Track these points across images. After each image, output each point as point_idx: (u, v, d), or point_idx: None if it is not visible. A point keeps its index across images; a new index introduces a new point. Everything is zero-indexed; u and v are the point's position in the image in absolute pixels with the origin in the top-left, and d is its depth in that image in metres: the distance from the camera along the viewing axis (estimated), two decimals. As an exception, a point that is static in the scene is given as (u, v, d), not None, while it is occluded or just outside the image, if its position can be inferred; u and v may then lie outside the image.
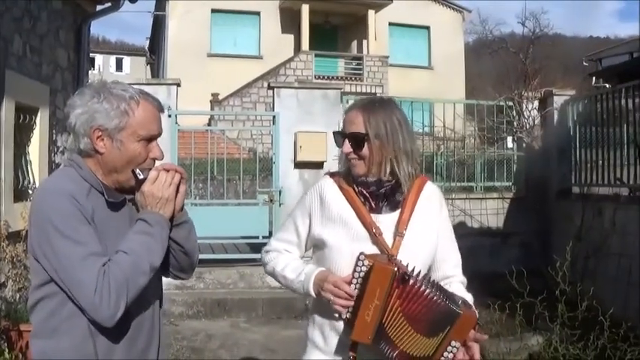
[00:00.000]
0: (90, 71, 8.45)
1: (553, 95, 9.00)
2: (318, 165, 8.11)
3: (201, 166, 10.50)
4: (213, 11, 23.78)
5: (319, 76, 22.30)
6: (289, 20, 24.47)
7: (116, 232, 1.83)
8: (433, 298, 1.96)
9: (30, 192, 5.78)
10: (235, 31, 24.15)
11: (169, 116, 7.73)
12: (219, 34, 23.90)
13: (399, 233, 2.11)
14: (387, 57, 24.58)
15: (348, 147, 2.13)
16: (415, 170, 2.16)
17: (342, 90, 9.15)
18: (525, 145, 9.19)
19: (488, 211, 9.02)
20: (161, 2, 25.05)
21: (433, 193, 2.24)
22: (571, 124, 8.59)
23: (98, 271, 1.69)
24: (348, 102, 8.48)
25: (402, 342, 1.98)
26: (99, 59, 44.26)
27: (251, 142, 17.30)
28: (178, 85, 8.28)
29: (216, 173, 9.98)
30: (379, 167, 2.12)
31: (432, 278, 2.08)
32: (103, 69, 42.87)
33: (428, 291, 1.96)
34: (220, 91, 21.33)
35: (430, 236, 2.18)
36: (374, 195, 2.15)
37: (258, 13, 24.41)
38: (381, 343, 2.00)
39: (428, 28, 26.78)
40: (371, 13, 24.46)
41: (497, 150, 9.66)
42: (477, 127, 10.10)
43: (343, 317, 2.03)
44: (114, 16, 7.82)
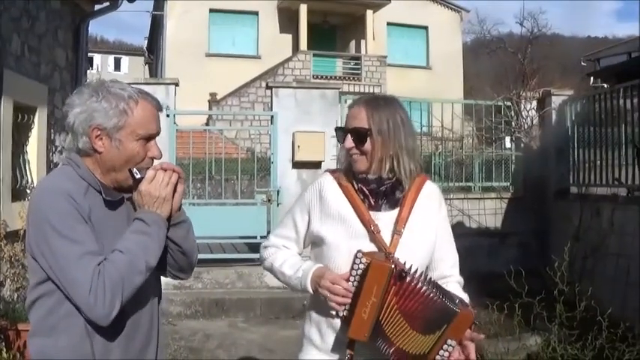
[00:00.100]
0: (88, 71, 8.44)
1: (551, 95, 8.99)
2: (316, 165, 8.11)
3: (199, 165, 10.50)
4: (212, 11, 23.73)
5: (317, 76, 22.27)
6: (287, 20, 24.44)
7: (114, 231, 1.83)
8: (430, 295, 1.95)
9: (28, 191, 5.78)
10: (233, 31, 24.12)
11: (168, 116, 7.72)
12: (218, 34, 23.87)
13: (398, 231, 2.10)
14: (385, 57, 24.57)
15: (350, 142, 2.12)
16: (416, 169, 2.16)
17: (341, 90, 9.14)
18: (523, 145, 9.19)
19: (487, 211, 9.02)
20: (159, 2, 25.00)
21: (433, 192, 2.24)
22: (569, 124, 8.59)
23: (93, 270, 1.69)
24: (346, 102, 8.48)
25: (399, 339, 1.98)
26: (97, 59, 44.28)
27: (249, 141, 17.29)
28: (176, 84, 8.27)
29: (214, 173, 9.97)
30: (380, 164, 2.11)
31: (429, 276, 2.08)
32: (101, 69, 42.91)
33: (425, 289, 1.95)
34: (218, 91, 21.33)
35: (429, 235, 2.18)
36: (374, 192, 2.14)
37: (257, 13, 24.38)
38: (378, 340, 1.99)
39: (426, 28, 26.76)
40: (369, 13, 24.43)
41: (495, 150, 9.66)
42: (475, 127, 10.08)
43: (340, 315, 2.02)
44: (112, 15, 7.84)
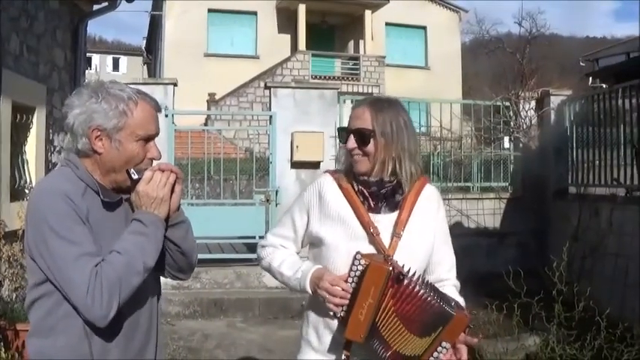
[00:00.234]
0: (87, 71, 8.44)
1: (550, 95, 9.00)
2: (314, 165, 8.11)
3: (197, 165, 10.48)
4: (210, 11, 23.71)
5: (316, 76, 22.25)
6: (286, 20, 24.43)
7: (112, 232, 1.83)
8: (427, 298, 1.95)
9: (26, 191, 5.78)
10: (232, 31, 24.10)
11: (166, 116, 7.72)
12: (216, 34, 23.85)
13: (397, 234, 2.10)
14: (383, 57, 24.55)
15: (352, 142, 2.12)
16: (417, 171, 2.16)
17: (339, 90, 9.15)
18: (522, 145, 9.20)
19: (485, 212, 9.02)
20: (158, 2, 24.97)
21: (432, 194, 2.24)
22: (568, 125, 8.60)
23: (90, 272, 1.69)
24: (344, 102, 8.48)
25: (395, 341, 1.98)
26: (96, 59, 44.26)
27: (248, 142, 17.26)
28: (175, 84, 8.27)
29: (212, 173, 9.96)
30: (382, 166, 2.11)
31: (426, 279, 2.08)
32: (100, 69, 42.85)
33: (422, 292, 1.95)
34: (217, 91, 21.30)
35: (427, 238, 2.18)
36: (374, 195, 2.14)
37: (255, 13, 24.35)
38: (374, 342, 1.99)
39: (424, 28, 26.75)
40: (368, 13, 24.42)
41: (494, 150, 9.66)
42: (473, 127, 10.09)
43: (337, 316, 2.02)
44: (111, 15, 7.84)
